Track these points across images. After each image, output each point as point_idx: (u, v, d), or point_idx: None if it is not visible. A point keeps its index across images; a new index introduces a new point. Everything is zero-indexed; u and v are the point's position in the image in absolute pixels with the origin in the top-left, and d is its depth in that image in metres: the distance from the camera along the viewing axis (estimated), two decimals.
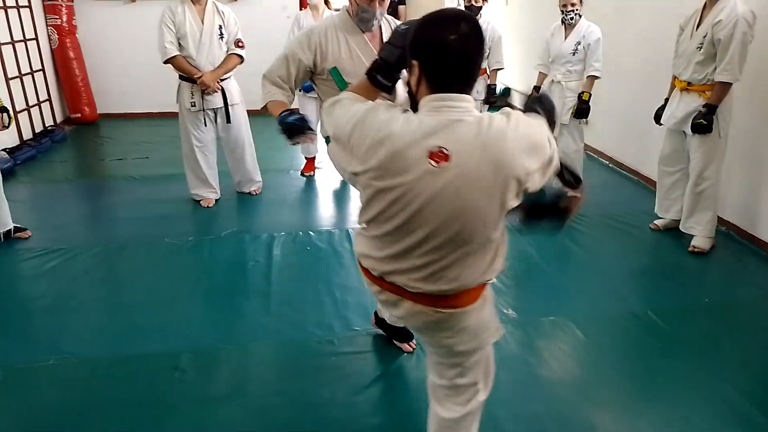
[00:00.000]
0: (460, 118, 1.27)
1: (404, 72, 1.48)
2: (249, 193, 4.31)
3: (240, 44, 3.90)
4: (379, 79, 1.56)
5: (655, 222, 3.72)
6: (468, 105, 1.30)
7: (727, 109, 3.15)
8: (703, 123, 3.10)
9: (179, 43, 3.74)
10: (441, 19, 1.29)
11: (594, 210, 4.03)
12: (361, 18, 2.15)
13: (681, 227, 3.44)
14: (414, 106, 1.37)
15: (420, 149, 1.26)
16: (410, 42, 1.34)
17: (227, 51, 3.87)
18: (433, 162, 1.25)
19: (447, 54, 1.26)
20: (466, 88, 1.31)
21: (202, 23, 3.75)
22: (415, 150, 1.26)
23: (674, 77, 3.40)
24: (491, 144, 1.25)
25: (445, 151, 1.25)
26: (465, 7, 4.47)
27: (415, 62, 1.31)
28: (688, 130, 3.24)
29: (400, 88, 1.64)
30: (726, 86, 3.07)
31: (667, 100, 3.47)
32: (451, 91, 1.29)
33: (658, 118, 3.52)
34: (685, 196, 3.42)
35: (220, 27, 3.81)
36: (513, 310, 2.83)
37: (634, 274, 3.21)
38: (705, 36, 3.07)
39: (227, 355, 2.49)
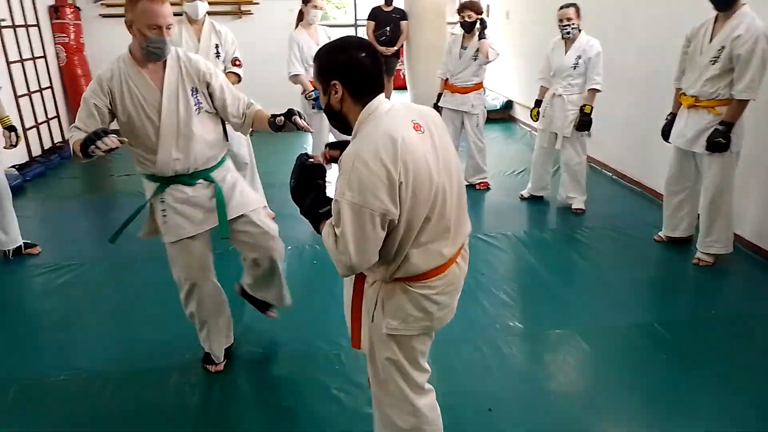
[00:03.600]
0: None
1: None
2: None
3: (237, 63, 3.90)
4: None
5: (660, 234, 3.73)
6: None
7: (740, 125, 3.10)
8: (722, 142, 3.05)
9: None
10: (350, 44, 1.52)
11: (598, 222, 4.06)
12: (149, 51, 2.06)
13: (699, 246, 3.39)
14: (341, 123, 1.56)
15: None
16: (327, 66, 1.51)
17: (224, 69, 3.86)
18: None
19: (366, 69, 1.49)
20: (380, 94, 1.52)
21: (198, 42, 3.78)
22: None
23: (679, 92, 3.36)
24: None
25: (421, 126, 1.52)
26: (460, 23, 4.53)
27: (336, 82, 1.49)
28: (699, 149, 3.20)
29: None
30: (744, 104, 3.02)
31: (672, 115, 3.43)
32: (375, 96, 1.50)
33: (666, 135, 3.47)
34: (701, 214, 3.38)
35: (217, 46, 3.82)
36: (519, 323, 2.84)
37: (640, 286, 3.22)
38: (720, 50, 3.02)
39: (236, 369, 2.51)
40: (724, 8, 3.03)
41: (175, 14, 4.23)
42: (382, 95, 1.52)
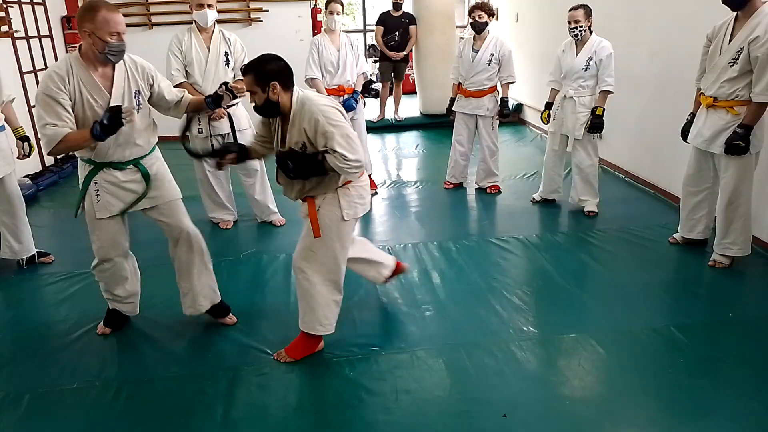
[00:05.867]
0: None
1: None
2: (271, 223, 4.22)
3: None
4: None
5: (675, 235, 3.68)
6: None
7: (759, 126, 3.04)
8: (741, 145, 3.00)
9: (186, 70, 3.80)
10: (273, 56, 2.32)
11: (612, 225, 4.02)
12: (109, 55, 2.33)
13: (715, 248, 3.34)
14: (273, 110, 2.33)
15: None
16: (265, 74, 2.26)
17: (234, 77, 3.87)
18: None
19: (289, 69, 2.33)
20: None
21: (208, 50, 3.80)
22: None
23: (699, 92, 3.31)
24: None
25: None
26: (470, 23, 4.52)
27: (274, 82, 2.26)
28: (717, 150, 3.15)
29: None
30: (764, 106, 2.97)
31: (692, 115, 3.38)
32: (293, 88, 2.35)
33: (685, 134, 3.42)
34: (717, 216, 3.32)
35: (226, 54, 3.84)
36: (532, 328, 2.81)
37: (655, 289, 3.17)
38: (739, 51, 2.97)
39: (248, 376, 2.50)
40: (739, 7, 2.99)
41: (186, 23, 4.31)
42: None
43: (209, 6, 3.73)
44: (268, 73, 2.26)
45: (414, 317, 2.94)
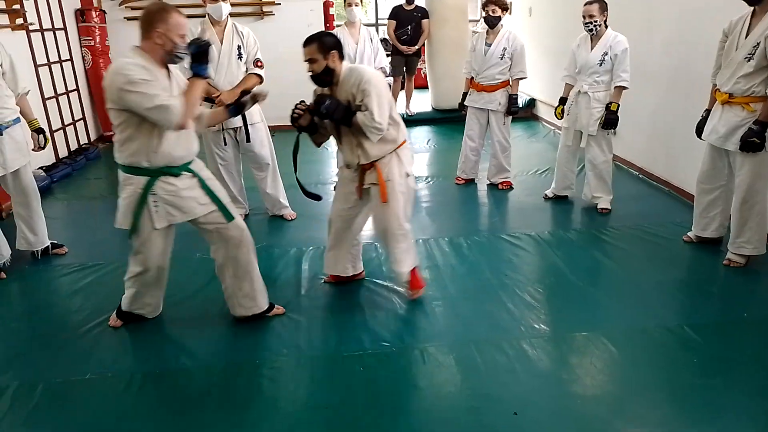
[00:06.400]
0: None
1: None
2: (282, 217, 4.24)
3: (259, 64, 3.90)
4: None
5: (689, 234, 3.63)
6: None
7: None
8: (756, 142, 2.95)
9: None
10: (329, 33, 2.84)
11: (624, 222, 3.98)
12: (177, 56, 2.43)
13: (730, 247, 3.30)
14: (329, 77, 2.67)
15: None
16: (326, 45, 2.62)
17: (246, 71, 3.87)
18: None
19: (341, 44, 2.71)
20: None
21: (221, 44, 3.79)
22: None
23: (715, 88, 3.26)
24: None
25: None
26: (484, 18, 4.49)
27: (334, 51, 2.63)
28: (732, 147, 3.10)
29: None
30: None
31: (707, 111, 3.33)
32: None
33: (699, 131, 3.37)
34: (732, 214, 3.28)
35: (239, 47, 3.83)
36: (544, 325, 2.79)
37: (668, 288, 3.14)
38: (755, 46, 2.92)
39: (258, 370, 2.51)
40: (756, 2, 2.94)
41: (198, 16, 4.30)
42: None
43: (224, 0, 3.73)
44: (330, 44, 2.62)
45: (425, 313, 2.93)
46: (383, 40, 8.76)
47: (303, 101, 2.75)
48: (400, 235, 2.85)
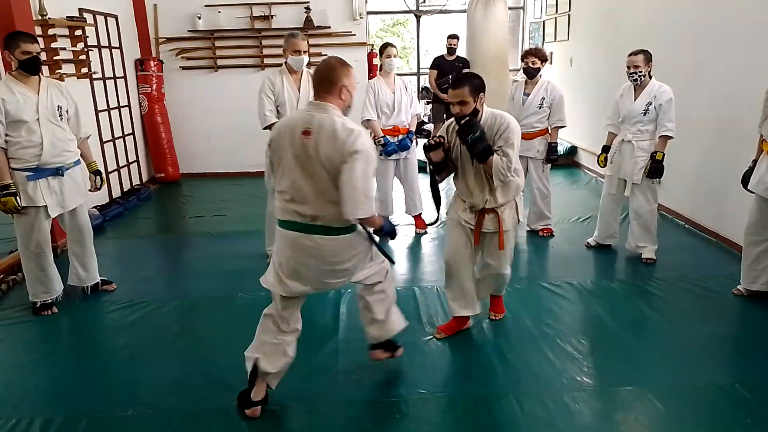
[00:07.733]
0: None
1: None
2: None
3: None
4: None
5: (738, 287, 3.51)
6: None
7: None
8: None
9: (278, 110, 3.99)
10: (476, 75, 2.82)
11: (671, 273, 3.87)
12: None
13: None
14: (474, 116, 2.74)
15: None
16: (478, 87, 2.70)
17: None
18: None
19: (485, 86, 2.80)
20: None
21: (299, 91, 3.99)
22: None
23: (762, 139, 3.23)
24: None
25: None
26: (523, 69, 4.55)
27: (482, 94, 2.75)
28: None
29: None
30: None
31: (755, 162, 3.28)
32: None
33: (746, 181, 3.32)
34: None
35: None
36: (587, 378, 2.71)
37: (718, 343, 3.02)
38: None
39: (295, 414, 2.52)
40: None
41: (248, 66, 4.58)
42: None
43: (305, 52, 4.00)
44: (479, 87, 2.70)
45: (463, 362, 2.89)
46: (425, 89, 9.00)
47: (442, 136, 2.86)
48: (507, 275, 3.13)
